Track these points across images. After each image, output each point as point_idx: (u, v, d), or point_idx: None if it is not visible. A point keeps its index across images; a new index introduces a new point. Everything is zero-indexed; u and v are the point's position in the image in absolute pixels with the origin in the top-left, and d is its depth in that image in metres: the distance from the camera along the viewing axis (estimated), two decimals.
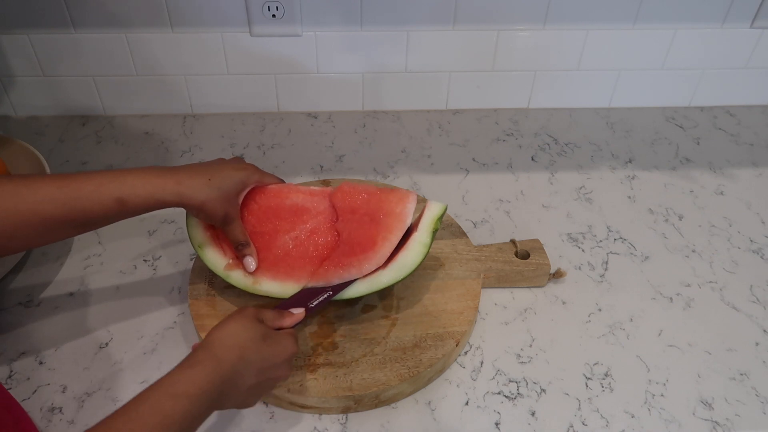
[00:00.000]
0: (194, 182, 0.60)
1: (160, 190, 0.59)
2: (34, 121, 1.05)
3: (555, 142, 1.03)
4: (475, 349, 0.70)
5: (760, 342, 0.72)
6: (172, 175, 0.60)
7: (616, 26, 1.01)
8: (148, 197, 0.58)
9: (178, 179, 0.60)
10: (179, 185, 0.59)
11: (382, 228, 0.67)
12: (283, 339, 0.58)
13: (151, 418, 0.46)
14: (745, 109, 1.13)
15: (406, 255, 0.66)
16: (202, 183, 0.61)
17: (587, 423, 0.63)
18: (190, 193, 0.60)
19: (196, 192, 0.60)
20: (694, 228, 0.87)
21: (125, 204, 0.57)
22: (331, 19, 0.97)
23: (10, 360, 0.68)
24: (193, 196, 0.60)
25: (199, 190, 0.60)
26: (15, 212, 0.53)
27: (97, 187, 0.56)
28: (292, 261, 0.68)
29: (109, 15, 0.94)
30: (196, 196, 0.60)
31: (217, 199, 0.62)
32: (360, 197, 0.69)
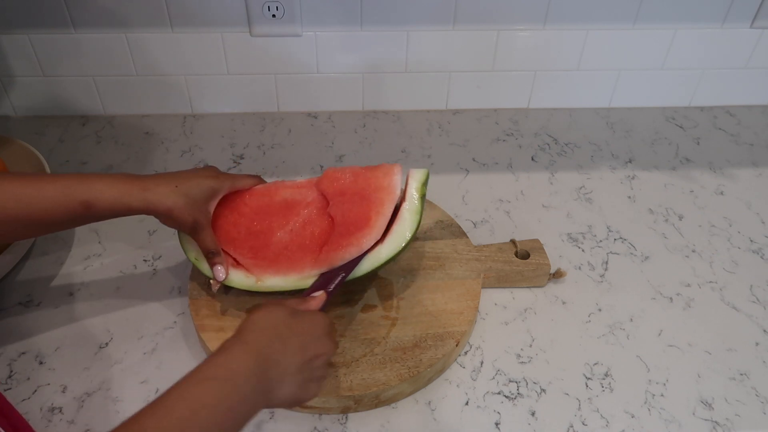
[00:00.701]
0: (161, 189, 0.60)
1: (127, 196, 0.58)
2: (34, 121, 1.05)
3: (555, 142, 1.03)
4: (475, 349, 0.70)
5: (760, 342, 0.72)
6: (139, 182, 0.60)
7: (616, 26, 1.01)
8: (115, 202, 0.58)
9: (144, 186, 0.59)
10: (146, 191, 0.59)
11: (373, 203, 0.68)
12: (313, 314, 0.57)
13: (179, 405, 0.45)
14: (745, 109, 1.13)
15: (400, 225, 0.67)
16: (168, 190, 0.60)
17: (587, 423, 0.63)
18: (156, 199, 0.60)
19: (163, 198, 0.60)
20: (694, 228, 0.87)
21: (91, 207, 0.57)
22: (331, 19, 0.97)
23: (10, 360, 0.68)
24: (159, 201, 0.60)
25: (165, 197, 0.60)
26: None
27: (62, 189, 0.56)
28: (291, 254, 0.68)
29: (109, 15, 0.94)
30: (163, 202, 0.60)
31: (185, 206, 0.61)
32: (346, 179, 0.70)
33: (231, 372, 0.47)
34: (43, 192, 0.55)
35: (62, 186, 0.56)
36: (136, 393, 0.65)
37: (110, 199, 0.58)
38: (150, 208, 0.60)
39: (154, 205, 0.60)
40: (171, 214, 0.61)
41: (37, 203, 0.55)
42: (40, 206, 0.55)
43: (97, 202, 0.57)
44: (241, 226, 0.69)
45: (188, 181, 0.62)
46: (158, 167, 0.95)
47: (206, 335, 0.67)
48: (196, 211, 0.63)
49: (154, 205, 0.60)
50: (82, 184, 0.57)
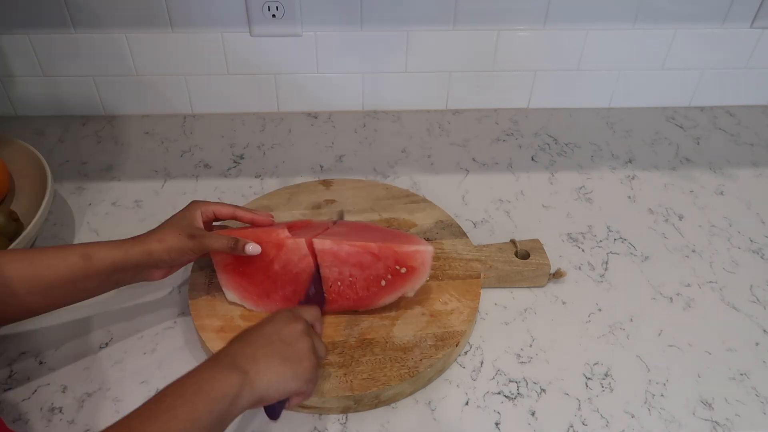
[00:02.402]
0: (148, 233, 0.64)
1: (123, 246, 0.62)
2: (34, 121, 1.05)
3: (555, 142, 1.03)
4: (475, 349, 0.70)
5: (760, 342, 0.72)
6: (132, 238, 0.64)
7: (616, 26, 1.01)
8: (112, 251, 0.61)
9: (137, 239, 0.63)
10: (137, 239, 0.63)
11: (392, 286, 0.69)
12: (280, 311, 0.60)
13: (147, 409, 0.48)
14: (745, 109, 1.13)
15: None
16: (153, 231, 0.65)
17: (587, 423, 0.63)
18: (147, 239, 0.63)
19: (152, 236, 0.64)
20: (694, 228, 0.87)
21: (90, 258, 0.60)
22: (331, 19, 0.97)
23: (10, 360, 0.68)
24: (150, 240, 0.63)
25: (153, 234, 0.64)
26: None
27: (62, 247, 0.61)
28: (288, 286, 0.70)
29: (109, 15, 0.94)
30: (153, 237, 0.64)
31: (173, 231, 0.64)
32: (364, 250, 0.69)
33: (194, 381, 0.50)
34: (44, 251, 0.60)
35: (61, 246, 0.61)
36: (136, 393, 0.65)
37: (107, 248, 0.61)
38: (146, 249, 0.63)
39: (148, 245, 0.63)
40: (165, 242, 0.63)
41: (39, 260, 0.58)
42: (43, 263, 0.58)
43: (95, 253, 0.60)
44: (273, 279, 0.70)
45: (167, 220, 0.67)
46: (158, 167, 0.95)
47: (206, 335, 0.67)
48: (185, 229, 0.65)
49: (148, 244, 0.63)
50: (80, 244, 0.61)
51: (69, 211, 0.87)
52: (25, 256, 0.58)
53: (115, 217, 0.86)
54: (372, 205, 0.85)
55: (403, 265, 0.68)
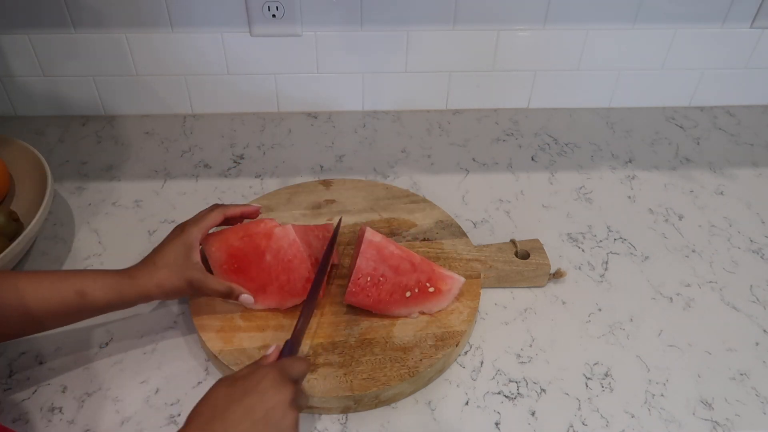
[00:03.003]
0: (145, 272, 0.63)
1: (118, 285, 0.61)
2: (34, 121, 1.05)
3: (555, 142, 1.03)
4: (475, 349, 0.70)
5: (760, 342, 0.72)
6: (127, 272, 0.63)
7: (616, 26, 1.01)
8: (107, 290, 0.61)
9: (131, 274, 0.62)
10: (133, 278, 0.62)
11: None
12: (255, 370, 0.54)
13: None
14: (745, 109, 1.13)
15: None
16: (150, 271, 0.63)
17: (587, 423, 0.63)
18: (144, 282, 0.62)
19: (149, 280, 0.62)
20: (694, 228, 0.87)
21: (85, 296, 0.59)
22: (331, 19, 0.97)
23: (10, 360, 0.68)
24: (147, 282, 0.62)
25: (150, 277, 0.63)
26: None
27: (58, 279, 0.59)
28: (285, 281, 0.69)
29: (109, 15, 0.94)
30: (151, 282, 0.62)
31: (170, 275, 0.63)
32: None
33: None
34: (39, 283, 0.58)
35: (57, 277, 0.59)
36: (136, 393, 0.65)
37: (103, 287, 0.60)
38: (143, 292, 0.62)
39: (145, 288, 0.62)
40: (163, 287, 0.63)
41: (33, 292, 0.57)
42: (37, 295, 0.57)
43: (90, 291, 0.60)
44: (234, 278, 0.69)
45: (162, 254, 0.64)
46: (158, 167, 0.95)
47: (206, 335, 0.67)
48: (183, 272, 0.64)
49: (145, 288, 0.62)
50: (76, 275, 0.60)
51: (69, 211, 0.87)
52: (18, 286, 0.57)
53: (115, 217, 0.86)
54: (372, 205, 0.85)
55: (433, 284, 0.69)
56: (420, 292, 0.69)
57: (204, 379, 0.66)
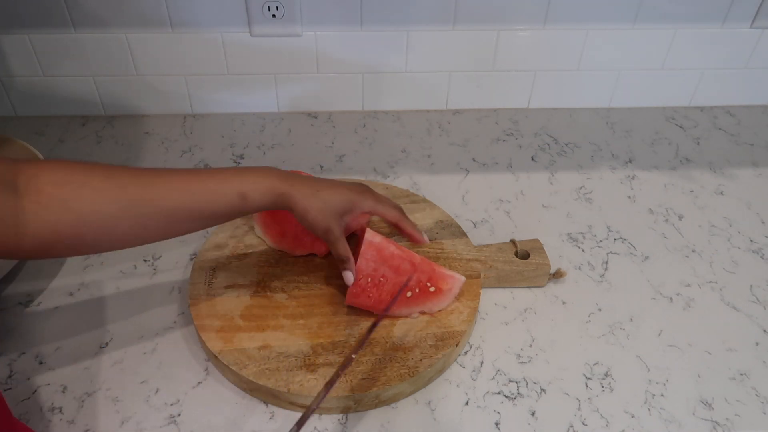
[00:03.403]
0: (304, 189, 0.63)
1: (278, 189, 0.62)
2: (34, 121, 1.05)
3: (555, 142, 1.03)
4: (475, 349, 0.70)
5: (760, 342, 0.72)
6: (287, 179, 0.63)
7: (616, 26, 1.01)
8: (266, 193, 0.62)
9: (291, 183, 0.63)
10: (292, 188, 0.63)
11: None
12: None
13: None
14: (745, 109, 1.13)
15: None
16: (310, 192, 0.64)
17: (587, 423, 0.63)
18: (298, 197, 0.63)
19: (303, 198, 0.63)
20: (694, 228, 0.87)
21: (246, 199, 0.61)
22: (331, 19, 0.97)
23: (10, 360, 0.68)
24: (299, 201, 0.63)
25: (305, 197, 0.63)
26: (150, 201, 0.56)
27: (222, 181, 0.60)
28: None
29: (109, 15, 0.94)
30: (302, 201, 0.63)
31: (320, 211, 0.64)
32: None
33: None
34: (206, 185, 0.59)
35: (221, 179, 0.60)
36: (136, 393, 0.65)
37: (263, 190, 0.61)
38: (290, 205, 0.63)
39: (294, 202, 0.63)
40: (306, 214, 0.64)
41: (201, 195, 0.59)
42: (204, 198, 0.59)
43: (251, 194, 0.61)
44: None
45: (330, 189, 0.65)
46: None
47: (206, 335, 0.67)
48: (330, 217, 0.65)
49: (295, 202, 0.63)
50: (237, 176, 0.61)
51: None
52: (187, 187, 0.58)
53: None
54: None
55: (434, 284, 0.69)
56: (421, 291, 0.69)
57: (204, 379, 0.66)
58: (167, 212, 0.57)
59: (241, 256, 0.76)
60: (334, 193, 0.65)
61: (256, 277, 0.74)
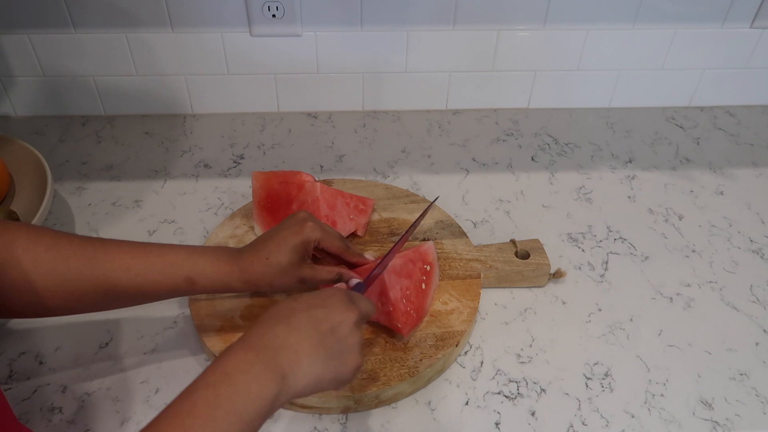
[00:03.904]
0: (256, 267, 0.60)
1: (227, 277, 0.60)
2: (34, 121, 1.05)
3: (555, 142, 1.03)
4: (475, 349, 0.70)
5: (760, 342, 0.72)
6: (237, 263, 0.60)
7: (616, 26, 1.01)
8: (216, 281, 0.60)
9: (242, 267, 0.60)
10: (244, 273, 0.60)
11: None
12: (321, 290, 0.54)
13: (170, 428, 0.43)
14: (745, 109, 1.13)
15: None
16: (262, 267, 0.61)
17: (587, 423, 0.63)
18: (255, 279, 0.61)
19: (261, 277, 0.61)
20: (694, 228, 0.87)
21: (194, 284, 0.59)
22: (331, 19, 0.97)
23: (10, 360, 0.68)
24: (258, 281, 0.61)
25: (262, 275, 0.61)
26: (90, 277, 0.55)
27: (169, 264, 0.58)
28: None
29: (109, 15, 0.94)
30: (262, 280, 0.61)
31: (282, 275, 0.61)
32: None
33: (224, 374, 0.45)
34: (151, 266, 0.57)
35: (169, 261, 0.58)
36: (136, 393, 0.65)
37: (212, 277, 0.59)
38: (251, 286, 0.61)
39: (254, 285, 0.61)
40: (274, 286, 0.62)
41: (145, 275, 0.57)
42: (148, 279, 0.57)
43: (199, 279, 0.59)
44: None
45: (278, 252, 0.61)
46: (158, 167, 0.95)
47: (206, 335, 0.67)
48: (297, 272, 0.62)
49: (255, 284, 0.61)
50: (187, 261, 0.58)
51: (69, 211, 0.87)
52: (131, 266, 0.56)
53: (115, 217, 0.86)
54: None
55: (426, 262, 0.71)
56: (426, 276, 0.70)
57: None
58: (106, 290, 0.56)
59: None
60: (282, 249, 0.61)
61: None
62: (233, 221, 0.81)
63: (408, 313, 0.66)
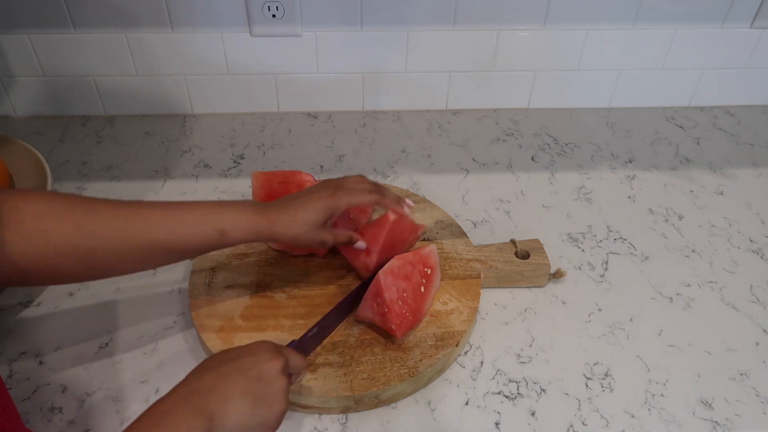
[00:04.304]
0: (283, 220, 0.63)
1: (256, 226, 0.62)
2: (34, 121, 1.05)
3: (555, 142, 1.03)
4: (475, 349, 0.70)
5: (760, 342, 0.72)
6: (266, 213, 0.63)
7: (616, 26, 1.01)
8: (247, 230, 0.62)
9: (270, 218, 0.63)
10: (272, 224, 0.63)
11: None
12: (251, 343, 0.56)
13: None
14: (745, 109, 1.13)
15: None
16: (289, 221, 0.63)
17: (587, 423, 0.63)
18: (280, 230, 0.63)
19: (286, 229, 0.63)
20: (694, 228, 0.87)
21: (225, 235, 0.61)
22: (331, 19, 0.97)
23: (10, 360, 0.68)
24: (283, 233, 0.63)
25: (287, 228, 0.63)
26: (129, 236, 0.57)
27: (201, 217, 0.60)
28: None
29: (110, 15, 0.94)
30: (286, 233, 0.64)
31: (307, 233, 0.64)
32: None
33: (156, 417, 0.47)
34: (184, 221, 0.59)
35: (200, 215, 0.60)
36: (136, 393, 0.65)
37: (243, 227, 0.61)
38: (277, 238, 0.64)
39: (279, 236, 0.64)
40: (296, 241, 0.65)
41: (179, 231, 0.59)
42: (182, 233, 0.59)
43: (230, 230, 0.61)
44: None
45: (305, 207, 0.64)
46: (158, 167, 0.95)
47: (206, 335, 0.67)
48: (317, 233, 0.65)
49: (280, 235, 0.64)
50: (216, 213, 0.61)
51: None
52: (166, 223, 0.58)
53: None
54: None
55: (426, 265, 0.71)
56: (426, 279, 0.70)
57: None
58: (145, 248, 0.58)
59: (241, 256, 0.76)
60: (310, 209, 0.64)
61: (256, 277, 0.74)
62: None
63: (403, 315, 0.66)
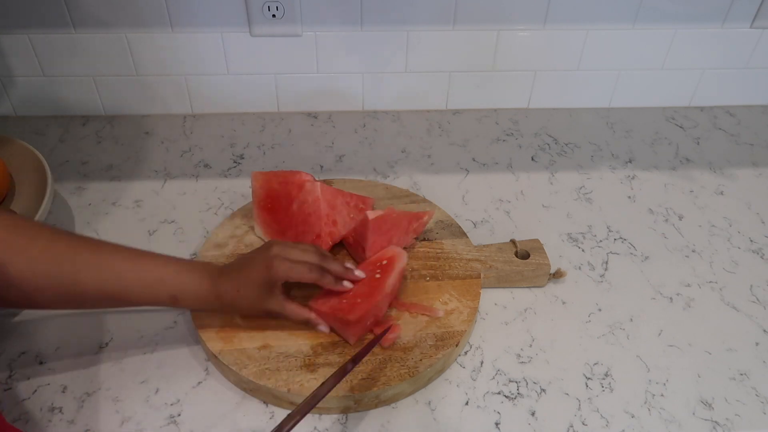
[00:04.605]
0: (229, 295, 0.64)
1: (205, 298, 0.64)
2: (34, 121, 1.05)
3: (555, 142, 1.03)
4: (475, 349, 0.70)
5: (760, 342, 0.72)
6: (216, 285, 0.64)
7: (616, 26, 1.01)
8: (196, 300, 0.64)
9: (218, 291, 0.64)
10: (219, 298, 0.64)
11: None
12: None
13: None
14: (745, 109, 1.13)
15: None
16: (233, 296, 0.64)
17: (587, 423, 0.63)
18: (227, 304, 0.65)
19: (232, 304, 0.65)
20: (694, 228, 0.87)
21: (176, 301, 0.63)
22: (331, 19, 0.97)
23: (10, 360, 0.68)
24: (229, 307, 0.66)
25: (233, 303, 0.65)
26: (81, 282, 0.59)
27: (156, 281, 0.62)
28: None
29: (109, 15, 0.94)
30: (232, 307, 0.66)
31: (251, 307, 0.65)
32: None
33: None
34: (140, 279, 0.61)
35: (155, 278, 0.62)
36: (136, 393, 0.65)
37: (193, 298, 0.63)
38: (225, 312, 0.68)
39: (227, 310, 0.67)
40: (242, 312, 0.68)
41: (133, 289, 0.61)
42: (135, 291, 0.61)
43: (181, 299, 0.63)
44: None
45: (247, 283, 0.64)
46: (158, 167, 0.95)
47: (206, 335, 0.67)
48: (264, 304, 0.65)
49: (228, 309, 0.67)
50: (172, 278, 0.62)
51: (69, 211, 0.87)
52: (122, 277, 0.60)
53: (115, 217, 0.86)
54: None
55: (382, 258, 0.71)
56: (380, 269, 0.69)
57: (204, 379, 0.66)
58: (94, 295, 0.60)
59: None
60: (249, 284, 0.63)
61: None
62: (233, 221, 0.81)
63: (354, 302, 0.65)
